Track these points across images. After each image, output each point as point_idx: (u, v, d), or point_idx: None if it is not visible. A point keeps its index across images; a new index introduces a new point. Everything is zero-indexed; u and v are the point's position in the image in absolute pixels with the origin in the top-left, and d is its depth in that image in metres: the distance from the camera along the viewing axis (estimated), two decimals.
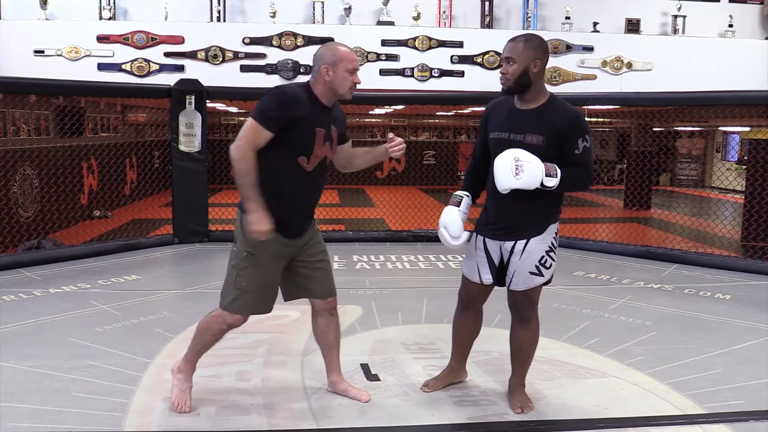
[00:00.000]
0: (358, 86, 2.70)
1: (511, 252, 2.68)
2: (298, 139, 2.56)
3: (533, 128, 2.57)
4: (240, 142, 2.49)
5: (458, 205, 2.79)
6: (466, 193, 2.84)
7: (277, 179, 2.57)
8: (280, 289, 2.79)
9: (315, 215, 2.82)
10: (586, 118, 2.78)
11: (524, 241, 2.65)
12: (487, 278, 2.78)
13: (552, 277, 2.75)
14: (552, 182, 2.50)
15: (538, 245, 2.65)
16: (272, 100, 2.53)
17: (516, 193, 2.58)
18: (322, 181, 2.74)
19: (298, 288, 2.81)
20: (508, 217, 2.67)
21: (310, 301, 2.85)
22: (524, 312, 2.78)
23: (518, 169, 2.48)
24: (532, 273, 2.67)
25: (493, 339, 3.67)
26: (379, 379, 3.12)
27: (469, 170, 2.90)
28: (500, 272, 2.77)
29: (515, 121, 2.62)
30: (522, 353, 2.83)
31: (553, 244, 2.69)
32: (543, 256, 2.66)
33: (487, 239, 2.75)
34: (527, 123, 2.59)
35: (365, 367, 3.27)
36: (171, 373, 2.83)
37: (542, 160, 2.53)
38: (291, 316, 4.05)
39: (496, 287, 2.86)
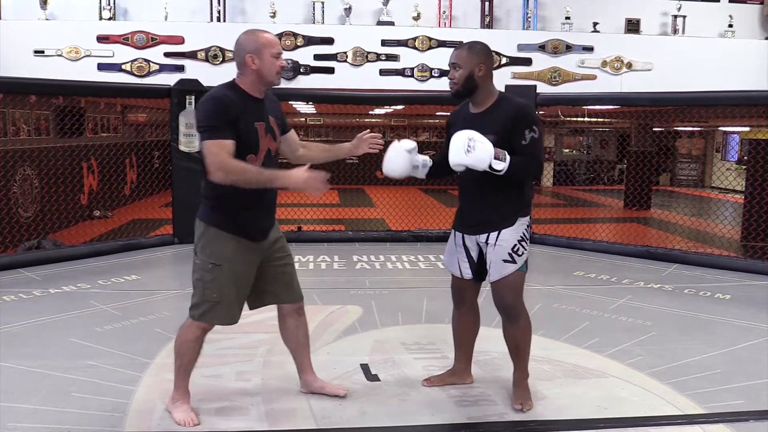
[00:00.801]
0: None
1: (486, 244, 2.80)
2: (243, 139, 2.49)
3: (485, 129, 2.67)
4: (214, 165, 2.41)
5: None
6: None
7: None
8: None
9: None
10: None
11: (497, 232, 2.77)
12: (467, 273, 2.91)
13: (525, 266, 2.81)
14: (500, 165, 2.59)
15: (510, 235, 2.77)
16: (208, 111, 2.45)
17: (483, 188, 2.76)
18: None
19: (266, 294, 2.76)
20: (479, 211, 2.81)
21: (277, 306, 2.82)
22: (510, 309, 2.82)
23: (470, 148, 2.57)
24: (505, 260, 2.76)
25: (493, 339, 3.67)
26: (379, 379, 3.12)
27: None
28: (479, 267, 2.89)
29: (470, 125, 2.72)
30: (518, 349, 2.88)
31: (524, 235, 2.80)
32: (515, 245, 2.77)
33: (465, 235, 2.88)
34: (480, 125, 2.69)
35: (365, 367, 3.27)
36: (167, 409, 2.71)
37: None
38: None
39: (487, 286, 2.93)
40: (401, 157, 2.85)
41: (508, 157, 2.60)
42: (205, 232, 2.57)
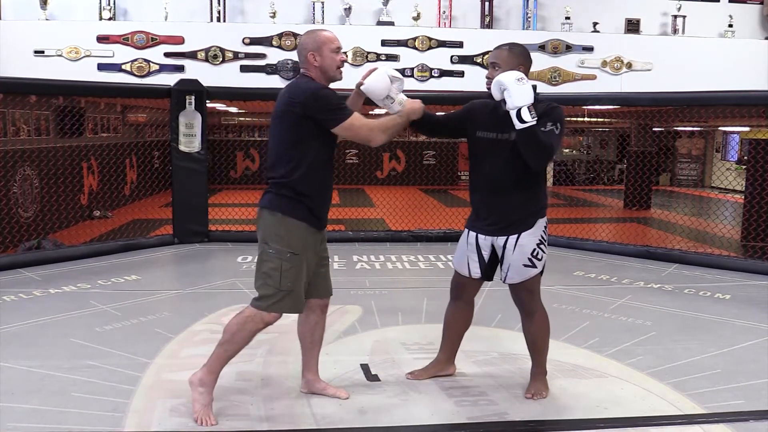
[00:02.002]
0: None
1: (504, 247, 2.82)
2: (331, 132, 2.64)
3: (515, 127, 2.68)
4: (373, 132, 2.64)
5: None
6: None
7: (318, 170, 2.64)
8: None
9: None
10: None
11: (516, 236, 2.79)
12: (476, 272, 2.93)
13: (544, 268, 2.87)
14: (528, 117, 2.59)
15: (529, 239, 2.79)
16: (329, 96, 2.59)
17: (502, 189, 2.77)
18: None
19: (307, 286, 2.79)
20: (497, 212, 2.82)
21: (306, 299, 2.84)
22: (526, 305, 2.90)
23: (522, 81, 2.62)
24: (525, 265, 2.80)
25: (493, 339, 3.68)
26: (379, 379, 3.12)
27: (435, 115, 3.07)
28: (489, 267, 2.92)
29: (504, 121, 2.73)
30: (535, 344, 2.94)
31: (542, 237, 2.83)
32: (535, 249, 2.80)
33: (479, 235, 2.89)
34: (511, 124, 2.68)
35: (365, 367, 3.27)
36: (190, 385, 2.66)
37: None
38: (291, 316, 4.04)
39: (488, 282, 3.01)
40: (382, 78, 2.81)
41: (536, 119, 2.60)
42: (281, 222, 2.62)
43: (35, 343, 3.57)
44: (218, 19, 7.48)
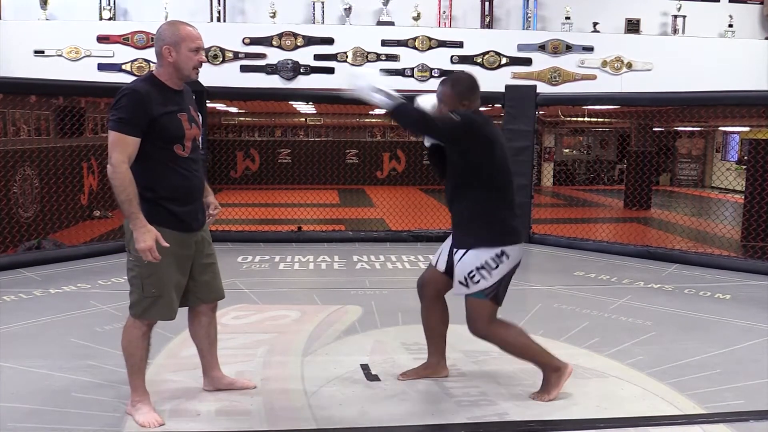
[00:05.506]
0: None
1: (453, 257, 2.84)
2: (167, 132, 2.50)
3: None
4: (111, 160, 2.39)
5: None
6: None
7: (162, 175, 2.51)
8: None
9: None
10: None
11: (463, 251, 2.78)
12: (441, 265, 2.96)
13: (485, 295, 2.76)
14: (376, 99, 2.68)
15: (471, 259, 2.75)
16: (125, 105, 2.43)
17: (451, 197, 2.85)
18: (200, 162, 2.71)
19: (189, 295, 2.71)
20: (452, 220, 2.87)
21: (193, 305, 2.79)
22: (479, 336, 2.87)
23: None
24: (460, 282, 2.79)
25: None
26: (379, 379, 3.12)
27: None
28: (452, 267, 2.89)
29: None
30: (523, 357, 2.92)
31: (487, 264, 2.73)
32: (472, 271, 2.74)
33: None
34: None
35: (365, 367, 3.27)
36: (127, 413, 2.66)
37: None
38: (291, 316, 4.05)
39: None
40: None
41: (393, 100, 2.65)
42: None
43: (35, 343, 3.57)
44: (218, 19, 7.48)
